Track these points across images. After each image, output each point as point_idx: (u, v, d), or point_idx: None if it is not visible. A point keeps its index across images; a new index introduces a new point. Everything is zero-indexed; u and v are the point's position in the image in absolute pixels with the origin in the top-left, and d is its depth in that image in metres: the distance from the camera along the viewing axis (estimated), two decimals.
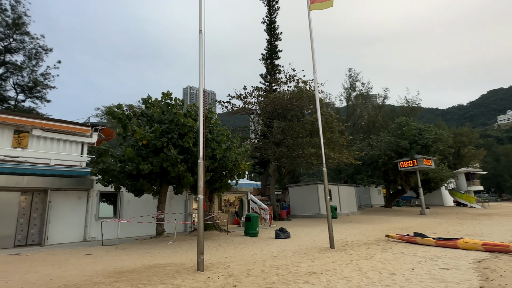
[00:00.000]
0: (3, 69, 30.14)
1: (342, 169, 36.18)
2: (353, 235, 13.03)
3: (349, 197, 28.15)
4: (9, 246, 11.57)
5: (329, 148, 22.33)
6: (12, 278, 6.09)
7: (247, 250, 9.69)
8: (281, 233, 12.76)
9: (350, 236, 12.67)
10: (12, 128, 13.54)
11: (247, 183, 19.57)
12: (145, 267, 7.21)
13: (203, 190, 7.35)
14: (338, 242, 10.59)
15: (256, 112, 25.62)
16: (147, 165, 10.37)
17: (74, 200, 13.49)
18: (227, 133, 12.83)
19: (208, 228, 14.25)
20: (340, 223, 19.63)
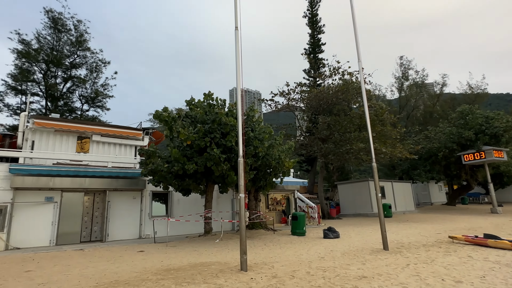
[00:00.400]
0: (70, 83, 33.63)
1: (396, 164, 33.77)
2: (410, 235, 11.94)
3: (405, 195, 26.13)
4: (76, 242, 12.76)
5: (380, 142, 20.91)
6: (72, 272, 6.59)
7: (293, 250, 9.38)
8: (329, 233, 12.20)
9: (406, 236, 11.64)
10: (75, 134, 14.92)
11: (293, 181, 19.18)
12: (191, 265, 7.31)
13: (244, 189, 7.22)
14: (392, 243, 9.76)
15: (300, 109, 25.04)
16: (192, 165, 10.61)
17: (129, 199, 14.43)
18: (269, 130, 12.63)
19: (254, 226, 14.21)
20: (395, 222, 18.26)
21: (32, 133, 13.92)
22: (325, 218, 22.91)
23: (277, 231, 14.57)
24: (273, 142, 12.43)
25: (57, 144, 14.40)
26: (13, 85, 30.26)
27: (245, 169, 11.24)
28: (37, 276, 6.31)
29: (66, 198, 12.92)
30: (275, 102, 24.59)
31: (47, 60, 31.43)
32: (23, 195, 12.07)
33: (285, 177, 14.39)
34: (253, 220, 14.36)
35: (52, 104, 32.33)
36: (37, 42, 31.15)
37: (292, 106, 24.88)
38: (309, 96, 22.42)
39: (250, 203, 14.70)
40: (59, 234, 12.44)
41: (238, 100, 7.66)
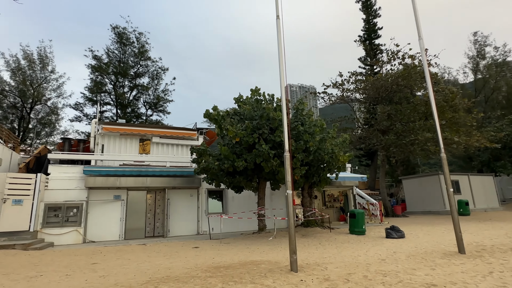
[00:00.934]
0: (135, 91, 36.73)
1: (473, 155, 29.78)
2: (494, 237, 10.23)
3: (486, 189, 22.85)
4: (141, 237, 13.73)
5: (452, 130, 18.53)
6: (130, 266, 6.96)
7: (350, 250, 8.69)
8: (392, 232, 11.10)
9: (488, 238, 10.00)
10: (138, 137, 16.09)
11: (351, 177, 18.06)
12: (241, 263, 7.19)
13: (291, 185, 6.84)
14: (470, 246, 8.42)
15: (356, 100, 23.53)
16: (241, 162, 10.56)
17: (187, 197, 15.05)
18: (321, 123, 11.98)
19: (309, 224, 13.68)
20: (475, 221, 16.01)
21: (102, 137, 15.38)
22: (388, 216, 21.20)
23: (334, 230, 13.82)
24: (325, 135, 11.75)
25: (122, 146, 15.70)
26: (89, 96, 34.09)
27: (292, 165, 10.83)
28: (100, 268, 6.80)
29: (131, 196, 13.99)
30: (328, 95, 23.51)
31: (115, 72, 34.72)
32: (96, 194, 13.37)
33: (340, 172, 13.54)
34: (308, 217, 13.84)
35: (122, 112, 35.66)
36: (107, 57, 34.58)
37: (347, 97, 23.53)
38: (366, 85, 20.89)
39: (304, 200, 14.20)
40: (126, 230, 13.52)
41: (282, 92, 7.29)
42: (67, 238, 12.20)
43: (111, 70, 34.40)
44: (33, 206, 11.57)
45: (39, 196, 11.78)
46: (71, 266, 7.12)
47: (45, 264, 7.38)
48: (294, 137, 11.47)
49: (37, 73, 30.38)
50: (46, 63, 30.68)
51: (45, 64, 30.57)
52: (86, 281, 5.74)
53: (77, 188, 13.03)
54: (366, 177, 17.93)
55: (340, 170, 13.43)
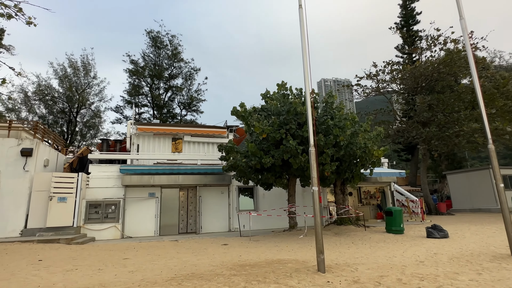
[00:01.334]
0: (170, 92, 38.01)
1: None
2: None
3: None
4: (175, 233, 14.12)
5: (504, 119, 16.75)
6: (159, 262, 7.10)
7: (385, 250, 8.14)
8: (434, 231, 10.26)
9: None
10: (170, 136, 16.55)
11: (387, 172, 17.08)
12: (268, 261, 7.03)
13: (317, 181, 6.53)
14: None
15: (393, 91, 22.20)
16: (268, 158, 10.37)
17: (218, 194, 15.21)
18: (352, 117, 11.40)
19: (343, 222, 13.14)
20: None
21: (137, 137, 16.04)
22: (431, 214, 19.82)
23: (370, 228, 13.14)
24: (357, 129, 11.16)
25: (156, 146, 16.25)
26: (128, 99, 35.88)
27: (322, 160, 10.42)
28: (131, 263, 7.02)
29: (164, 193, 14.42)
30: (362, 87, 22.45)
31: (151, 75, 36.16)
32: (132, 192, 13.97)
33: (375, 168, 12.83)
34: (341, 215, 13.30)
35: (158, 112, 37.12)
36: (143, 61, 36.12)
37: (382, 88, 22.28)
38: (403, 75, 19.59)
39: (336, 197, 13.67)
40: (161, 226, 13.98)
41: (306, 85, 6.98)
42: (106, 233, 12.89)
43: (147, 73, 35.87)
44: (75, 203, 12.35)
45: (80, 194, 12.55)
46: (104, 260, 7.44)
47: (82, 258, 7.80)
48: (323, 131, 11.03)
49: (81, 79, 32.61)
50: (89, 70, 32.80)
51: (88, 70, 32.70)
52: (115, 275, 5.93)
53: (115, 186, 13.70)
54: (404, 173, 16.83)
55: (374, 166, 12.73)
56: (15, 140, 12.37)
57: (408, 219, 16.93)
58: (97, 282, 5.46)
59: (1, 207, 11.63)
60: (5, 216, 11.60)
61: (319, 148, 10.68)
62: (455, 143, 17.37)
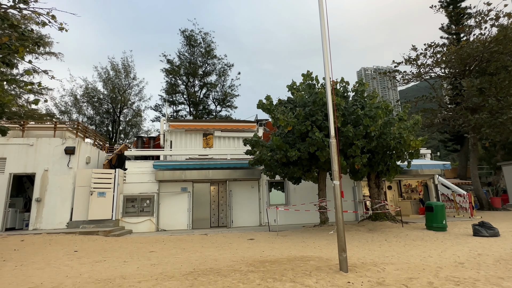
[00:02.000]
0: (205, 89, 38.82)
1: None
2: None
3: None
4: (206, 227, 14.38)
5: None
6: (181, 256, 7.20)
7: (421, 249, 7.46)
8: (482, 229, 9.23)
9: None
10: (201, 132, 16.84)
11: (429, 164, 15.74)
12: (290, 258, 6.78)
13: (338, 175, 6.12)
14: None
15: (437, 76, 20.36)
16: (294, 152, 10.03)
17: (248, 188, 15.18)
18: (385, 105, 10.59)
19: (378, 218, 12.38)
20: None
21: (170, 134, 16.55)
22: (483, 209, 18.02)
23: (409, 224, 12.24)
24: (390, 118, 10.35)
25: (187, 141, 16.65)
26: (166, 98, 37.30)
27: (351, 153, 9.82)
28: (155, 256, 7.20)
29: (196, 188, 14.73)
30: (401, 73, 20.90)
31: (186, 73, 37.18)
32: (165, 186, 14.47)
33: (413, 159, 11.86)
34: (376, 210, 12.54)
35: (194, 109, 38.16)
36: (178, 60, 37.22)
37: (425, 73, 20.52)
38: (447, 58, 17.84)
39: (371, 191, 12.91)
40: (194, 220, 14.32)
41: (325, 67, 6.53)
42: (142, 226, 13.51)
43: (182, 72, 36.93)
44: (113, 197, 13.09)
45: (117, 189, 13.26)
46: (132, 253, 7.74)
47: (112, 250, 8.20)
48: (353, 122, 10.41)
49: (122, 81, 34.55)
50: (129, 71, 34.64)
51: (128, 72, 34.55)
52: (137, 268, 6.10)
53: (149, 182, 14.28)
54: (449, 165, 15.39)
55: (413, 157, 11.77)
56: (60, 139, 13.38)
57: (455, 215, 15.52)
58: (119, 274, 5.64)
59: (50, 201, 12.70)
60: (53, 210, 12.65)
61: (348, 140, 10.10)
62: (510, 131, 15.43)
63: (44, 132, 14.04)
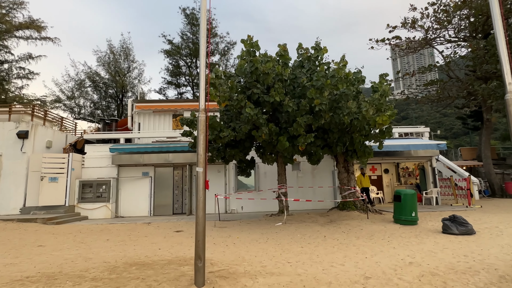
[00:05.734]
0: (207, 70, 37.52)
1: None
2: None
3: None
4: (169, 214, 13.53)
5: None
6: (71, 253, 6.23)
7: (351, 251, 5.88)
8: (452, 225, 7.38)
9: None
10: (170, 113, 15.76)
11: (421, 144, 13.45)
12: (170, 260, 5.56)
13: (204, 160, 4.73)
14: None
15: (446, 40, 17.36)
16: (227, 131, 8.59)
17: (214, 173, 14.00)
18: (340, 73, 8.69)
19: (345, 207, 10.71)
20: None
21: (138, 116, 15.64)
22: (495, 196, 15.45)
23: (383, 214, 10.46)
24: (346, 90, 8.47)
25: (156, 123, 15.66)
26: (170, 80, 36.60)
27: (294, 132, 8.19)
28: (35, 253, 6.30)
29: (158, 173, 13.82)
30: (406, 41, 18.10)
31: (190, 54, 36.03)
32: (126, 171, 13.70)
33: (384, 138, 9.92)
34: (345, 198, 10.86)
35: (198, 91, 37.18)
36: (181, 40, 36.04)
37: (433, 40, 17.59)
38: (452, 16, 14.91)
39: (340, 176, 11.18)
40: (155, 206, 13.51)
41: None
42: (98, 213, 12.91)
43: (185, 53, 35.83)
44: (67, 182, 12.54)
45: (72, 174, 12.67)
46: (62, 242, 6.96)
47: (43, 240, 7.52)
48: (299, 94, 8.71)
49: (122, 64, 34.16)
50: (129, 54, 34.12)
51: (128, 55, 34.06)
52: None
53: (108, 166, 13.56)
54: (445, 145, 13.01)
55: (384, 136, 9.83)
56: (13, 123, 12.93)
57: (452, 204, 13.31)
58: None
59: (4, 186, 12.41)
60: (7, 195, 12.36)
61: (291, 116, 8.46)
62: None
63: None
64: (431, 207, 12.85)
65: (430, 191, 13.78)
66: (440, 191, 14.16)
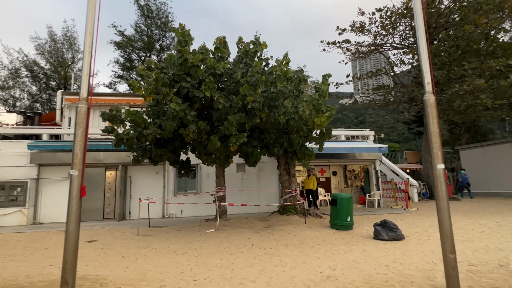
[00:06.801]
0: None
1: None
2: None
3: None
4: (99, 219, 12.19)
5: None
6: None
7: (282, 261, 5.31)
8: (382, 231, 7.18)
9: None
10: (105, 107, 14.32)
11: (363, 147, 13.55)
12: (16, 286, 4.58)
13: (81, 161, 3.88)
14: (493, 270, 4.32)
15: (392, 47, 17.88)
16: (152, 128, 7.70)
17: (152, 174, 12.92)
18: (278, 70, 8.20)
19: (286, 211, 10.28)
20: None
21: (68, 110, 14.03)
22: (432, 199, 16.09)
23: (323, 218, 10.18)
24: (283, 88, 7.98)
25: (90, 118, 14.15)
26: (121, 74, 34.31)
27: (224, 131, 7.52)
28: None
29: (88, 173, 12.36)
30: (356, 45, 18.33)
31: (143, 47, 34.04)
32: (49, 171, 12.11)
33: (324, 140, 9.64)
34: (286, 201, 10.44)
35: None
36: (135, 33, 33.89)
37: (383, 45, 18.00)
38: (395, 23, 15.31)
39: (281, 179, 10.76)
40: (83, 211, 12.05)
41: None
42: (10, 219, 11.21)
43: (138, 46, 33.82)
44: None
45: None
46: None
47: None
48: (233, 91, 8.08)
49: (65, 54, 31.27)
50: (73, 43, 31.35)
51: (72, 44, 31.27)
52: None
53: (26, 166, 11.89)
54: (386, 148, 13.22)
55: (324, 138, 9.54)
56: None
57: (393, 206, 13.56)
58: None
59: None
60: None
61: (222, 114, 7.79)
62: (454, 109, 13.16)
63: None
64: (373, 209, 12.95)
65: (373, 193, 13.94)
66: (383, 194, 14.41)
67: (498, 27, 13.75)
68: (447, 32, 15.62)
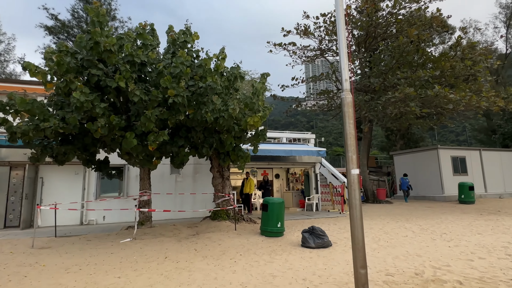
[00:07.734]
0: None
1: (497, 127, 24.04)
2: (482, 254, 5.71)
3: (506, 169, 17.56)
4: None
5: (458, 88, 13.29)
6: None
7: (191, 277, 4.56)
8: (310, 238, 6.85)
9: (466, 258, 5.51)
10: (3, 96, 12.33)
11: (302, 150, 13.49)
12: None
13: None
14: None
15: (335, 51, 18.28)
16: (52, 122, 6.47)
17: (70, 175, 11.34)
18: (209, 64, 7.50)
19: (217, 216, 9.59)
20: (474, 213, 11.36)
21: None
22: (368, 202, 16.69)
23: (256, 224, 9.68)
24: (211, 83, 7.29)
25: None
26: None
27: (142, 128, 6.60)
28: None
29: None
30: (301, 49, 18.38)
31: None
32: None
33: (259, 142, 9.16)
34: (218, 205, 9.76)
35: None
36: (72, 18, 30.76)
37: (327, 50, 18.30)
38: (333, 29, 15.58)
39: (214, 182, 10.06)
40: None
41: None
42: None
43: (75, 33, 30.69)
44: None
45: None
46: None
47: None
48: (154, 83, 7.19)
49: None
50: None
51: None
52: None
53: None
54: (325, 152, 13.30)
55: (259, 140, 9.06)
56: None
57: (330, 210, 13.65)
58: None
59: None
60: None
61: (140, 108, 6.87)
62: (386, 115, 13.80)
63: None
64: (310, 213, 12.86)
65: (312, 197, 13.90)
66: (321, 197, 14.47)
67: (427, 41, 14.74)
68: (386, 43, 16.36)
